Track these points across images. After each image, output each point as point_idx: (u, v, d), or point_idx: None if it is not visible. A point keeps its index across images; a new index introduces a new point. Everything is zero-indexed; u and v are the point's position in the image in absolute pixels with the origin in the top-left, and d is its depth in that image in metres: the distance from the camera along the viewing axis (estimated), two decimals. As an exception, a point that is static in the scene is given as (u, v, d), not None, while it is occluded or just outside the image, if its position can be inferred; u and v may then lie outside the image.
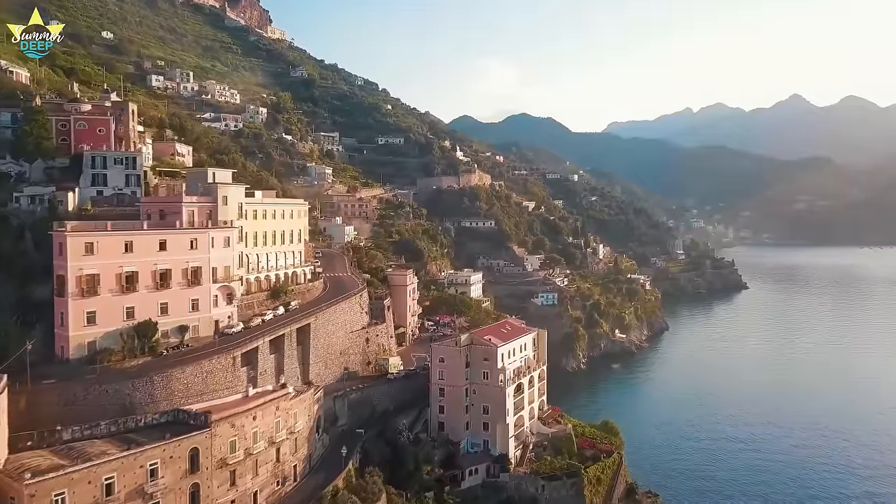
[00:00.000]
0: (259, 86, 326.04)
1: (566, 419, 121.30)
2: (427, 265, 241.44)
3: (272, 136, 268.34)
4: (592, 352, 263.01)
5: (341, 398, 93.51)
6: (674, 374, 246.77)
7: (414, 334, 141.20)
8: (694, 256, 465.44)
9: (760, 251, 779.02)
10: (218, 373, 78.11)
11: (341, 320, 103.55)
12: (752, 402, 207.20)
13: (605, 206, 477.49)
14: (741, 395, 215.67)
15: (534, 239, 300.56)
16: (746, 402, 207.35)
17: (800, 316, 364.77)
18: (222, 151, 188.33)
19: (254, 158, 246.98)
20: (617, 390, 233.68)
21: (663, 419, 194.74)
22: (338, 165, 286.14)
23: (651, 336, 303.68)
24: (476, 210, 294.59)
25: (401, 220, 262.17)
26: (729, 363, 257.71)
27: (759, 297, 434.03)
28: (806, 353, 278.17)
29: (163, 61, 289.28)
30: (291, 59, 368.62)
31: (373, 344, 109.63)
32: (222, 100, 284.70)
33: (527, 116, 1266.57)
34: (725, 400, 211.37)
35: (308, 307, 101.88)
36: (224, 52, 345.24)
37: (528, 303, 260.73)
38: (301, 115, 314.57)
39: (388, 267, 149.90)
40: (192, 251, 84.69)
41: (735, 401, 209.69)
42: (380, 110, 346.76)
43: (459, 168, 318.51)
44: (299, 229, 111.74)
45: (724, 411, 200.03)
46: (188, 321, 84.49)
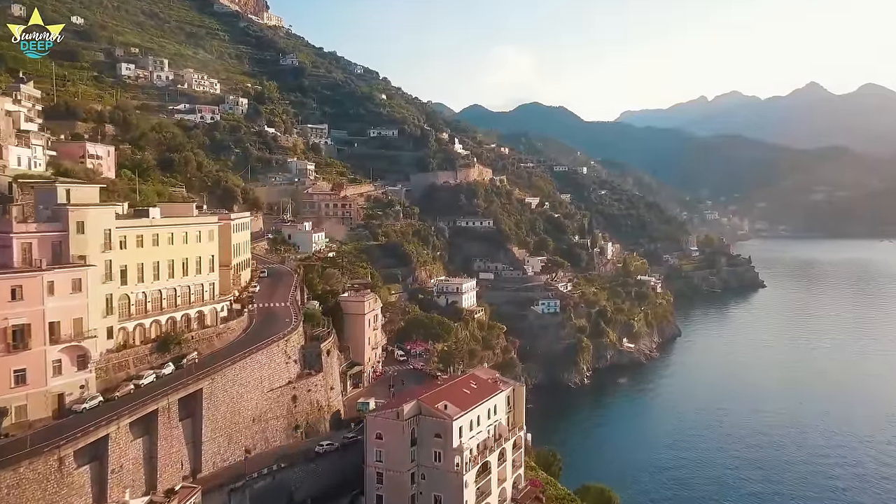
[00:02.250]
0: (244, 75, 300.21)
1: (552, 487, 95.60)
2: (416, 271, 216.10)
3: (251, 129, 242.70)
4: (598, 363, 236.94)
5: (240, 491, 68.19)
6: (687, 387, 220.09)
7: (376, 371, 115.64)
8: (708, 253, 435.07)
9: (777, 244, 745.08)
10: (31, 485, 53.16)
11: (255, 377, 78.21)
12: (773, 424, 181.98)
13: (615, 200, 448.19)
14: (761, 413, 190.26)
15: (536, 239, 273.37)
16: (767, 424, 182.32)
17: (822, 318, 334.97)
18: (176, 149, 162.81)
19: (228, 154, 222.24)
20: (624, 408, 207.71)
21: (675, 440, 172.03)
22: (323, 160, 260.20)
23: (662, 343, 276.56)
24: (473, 208, 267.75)
25: (389, 220, 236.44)
26: (746, 375, 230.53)
27: (778, 297, 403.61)
28: (831, 359, 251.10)
29: (137, 48, 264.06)
30: (282, 47, 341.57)
31: (303, 402, 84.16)
32: (200, 90, 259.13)
33: (538, 105, 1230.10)
34: (743, 419, 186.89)
35: (213, 360, 76.61)
36: (210, 38, 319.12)
37: (527, 311, 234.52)
38: (288, 105, 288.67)
39: (349, 288, 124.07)
40: (13, 303, 59.55)
41: (754, 421, 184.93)
42: (373, 100, 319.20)
43: (457, 162, 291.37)
44: (211, 255, 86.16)
45: (741, 431, 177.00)
46: (8, 400, 59.51)
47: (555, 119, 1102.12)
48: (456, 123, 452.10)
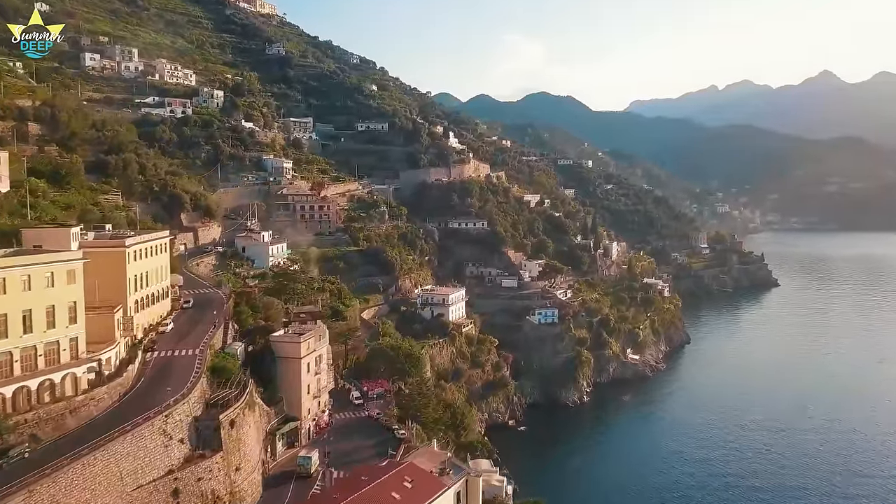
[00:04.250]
0: (226, 65, 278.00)
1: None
2: (399, 280, 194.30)
3: (226, 124, 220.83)
4: (599, 377, 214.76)
5: None
6: (695, 403, 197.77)
7: (319, 423, 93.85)
8: (719, 250, 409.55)
9: (789, 237, 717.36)
10: None
11: (113, 472, 56.81)
12: (791, 444, 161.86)
13: (621, 194, 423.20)
14: (780, 433, 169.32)
15: (534, 241, 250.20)
16: (784, 444, 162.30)
17: (839, 320, 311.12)
18: (118, 149, 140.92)
19: (197, 151, 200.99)
20: (627, 428, 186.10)
21: (683, 463, 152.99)
22: (305, 156, 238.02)
23: (670, 352, 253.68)
24: (467, 208, 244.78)
25: (374, 222, 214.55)
26: (760, 386, 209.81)
27: (792, 297, 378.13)
28: (853, 367, 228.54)
29: (106, 37, 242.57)
30: (270, 36, 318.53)
31: (191, 496, 62.59)
32: (173, 81, 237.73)
33: (546, 95, 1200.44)
34: (758, 436, 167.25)
35: (56, 452, 55.27)
36: (192, 27, 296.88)
37: (522, 321, 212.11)
38: (270, 97, 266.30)
39: (293, 318, 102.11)
40: None
41: (771, 439, 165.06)
42: (363, 92, 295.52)
43: (450, 158, 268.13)
44: (70, 301, 64.52)
45: (755, 452, 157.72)
46: None
47: (563, 109, 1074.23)
48: (456, 115, 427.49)
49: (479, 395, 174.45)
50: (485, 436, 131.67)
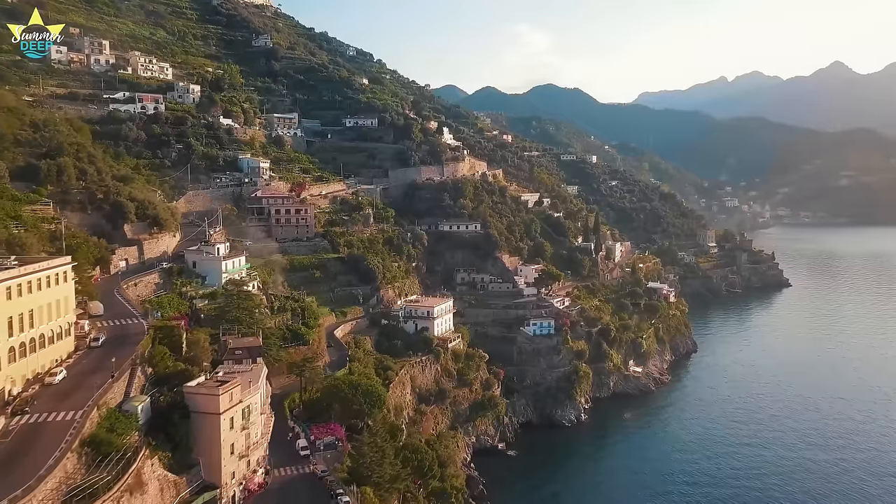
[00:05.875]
0: (207, 58, 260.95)
1: None
2: (381, 290, 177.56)
3: (201, 121, 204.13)
4: (599, 392, 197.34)
5: None
6: (703, 420, 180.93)
7: (249, 487, 77.22)
8: (728, 249, 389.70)
9: (800, 232, 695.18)
10: None
11: None
12: (810, 471, 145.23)
13: (626, 191, 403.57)
14: (794, 456, 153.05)
15: (531, 244, 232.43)
16: (798, 468, 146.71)
17: (854, 323, 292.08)
18: (52, 153, 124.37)
19: (167, 151, 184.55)
20: (628, 449, 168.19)
21: (694, 491, 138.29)
22: (287, 155, 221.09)
23: (675, 362, 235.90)
24: (459, 209, 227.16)
25: (357, 225, 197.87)
26: (771, 399, 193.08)
27: (805, 298, 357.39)
28: (871, 375, 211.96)
29: (78, 28, 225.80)
30: (257, 27, 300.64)
31: None
32: (147, 75, 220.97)
33: (553, 87, 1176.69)
34: (769, 459, 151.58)
35: None
36: (175, 17, 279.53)
37: (516, 332, 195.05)
38: (253, 92, 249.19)
39: (225, 357, 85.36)
40: None
41: (784, 462, 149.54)
42: (352, 85, 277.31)
43: (443, 155, 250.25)
44: None
45: (769, 474, 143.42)
46: None
47: (570, 101, 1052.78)
48: (456, 109, 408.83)
49: (466, 418, 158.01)
50: (465, 481, 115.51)
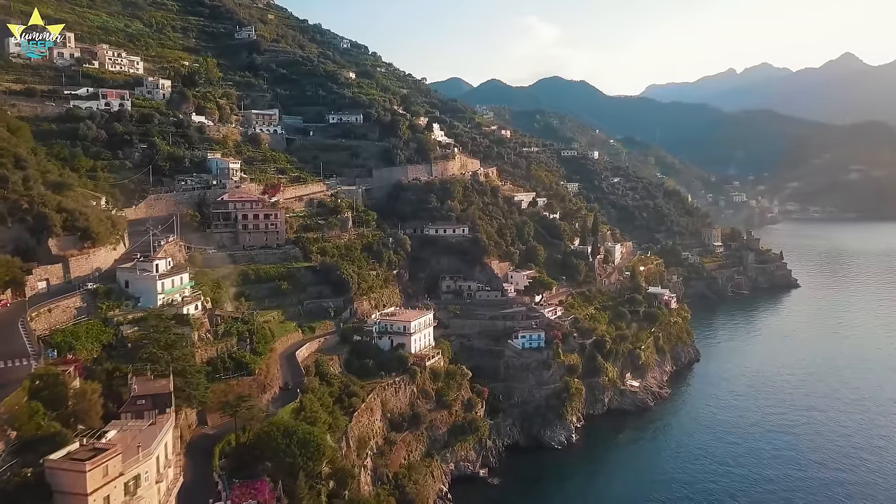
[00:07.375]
0: (186, 50, 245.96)
1: None
2: (354, 302, 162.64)
3: (170, 118, 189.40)
4: (593, 409, 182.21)
5: None
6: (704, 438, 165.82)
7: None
8: (734, 249, 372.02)
9: (809, 227, 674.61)
10: None
11: None
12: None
13: (629, 188, 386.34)
14: (806, 477, 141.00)
15: (523, 249, 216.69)
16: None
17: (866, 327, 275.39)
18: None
19: (129, 151, 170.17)
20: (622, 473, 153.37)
21: None
22: (263, 154, 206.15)
23: (676, 373, 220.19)
24: (446, 211, 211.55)
25: (334, 230, 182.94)
26: (779, 415, 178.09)
27: (814, 300, 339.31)
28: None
29: (44, 20, 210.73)
30: (241, 18, 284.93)
31: None
32: (115, 69, 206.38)
33: (558, 80, 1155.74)
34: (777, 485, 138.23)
35: None
36: (154, 9, 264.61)
37: (503, 345, 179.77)
38: (231, 87, 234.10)
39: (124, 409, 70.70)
40: None
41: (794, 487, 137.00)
42: (337, 80, 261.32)
43: (432, 153, 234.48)
44: None
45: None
46: None
47: (575, 94, 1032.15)
48: (453, 104, 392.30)
49: (444, 444, 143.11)
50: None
